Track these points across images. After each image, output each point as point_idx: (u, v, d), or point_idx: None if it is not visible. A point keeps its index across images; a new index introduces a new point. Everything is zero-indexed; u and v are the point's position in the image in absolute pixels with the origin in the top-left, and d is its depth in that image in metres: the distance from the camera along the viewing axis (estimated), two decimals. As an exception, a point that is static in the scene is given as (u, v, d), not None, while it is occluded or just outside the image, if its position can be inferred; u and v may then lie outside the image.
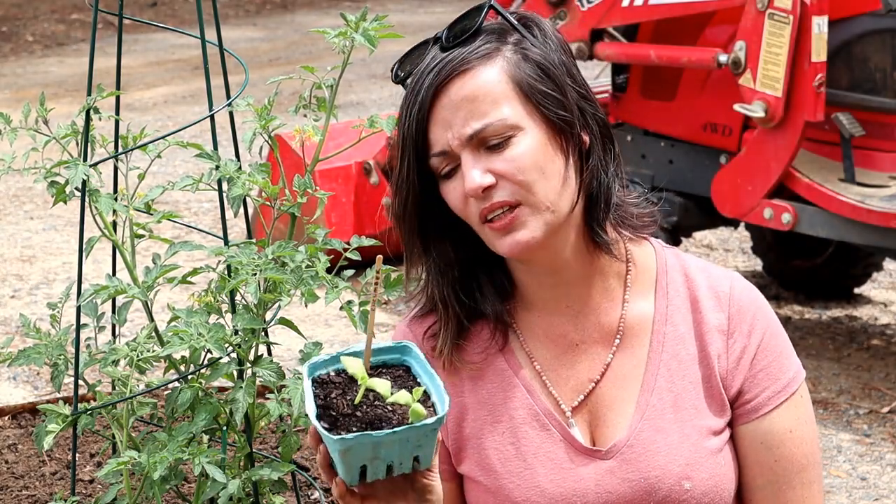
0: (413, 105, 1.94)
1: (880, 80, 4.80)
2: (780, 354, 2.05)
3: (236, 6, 13.25)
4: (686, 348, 2.04)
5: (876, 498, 4.19)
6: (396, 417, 1.76)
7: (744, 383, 2.03)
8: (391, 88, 9.78)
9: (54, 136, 2.57)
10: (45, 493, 3.04)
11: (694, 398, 2.03)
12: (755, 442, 2.04)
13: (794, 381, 2.05)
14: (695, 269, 2.08)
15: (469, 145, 1.91)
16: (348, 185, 5.91)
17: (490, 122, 1.91)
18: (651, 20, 5.16)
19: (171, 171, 7.43)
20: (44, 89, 3.01)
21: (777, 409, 2.03)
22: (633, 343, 2.05)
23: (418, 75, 1.95)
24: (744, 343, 2.04)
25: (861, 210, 4.63)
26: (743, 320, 2.04)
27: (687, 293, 2.06)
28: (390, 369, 1.85)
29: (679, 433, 2.01)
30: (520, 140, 1.92)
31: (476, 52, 1.93)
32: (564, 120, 1.95)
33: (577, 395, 2.04)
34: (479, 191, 1.91)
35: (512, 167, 1.91)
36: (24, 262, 6.31)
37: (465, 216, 1.95)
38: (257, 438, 3.05)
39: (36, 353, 2.61)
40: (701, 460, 2.01)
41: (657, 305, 2.05)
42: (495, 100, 1.92)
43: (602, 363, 2.04)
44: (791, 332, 5.41)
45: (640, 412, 2.02)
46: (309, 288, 2.47)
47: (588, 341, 2.05)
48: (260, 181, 2.51)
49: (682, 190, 5.18)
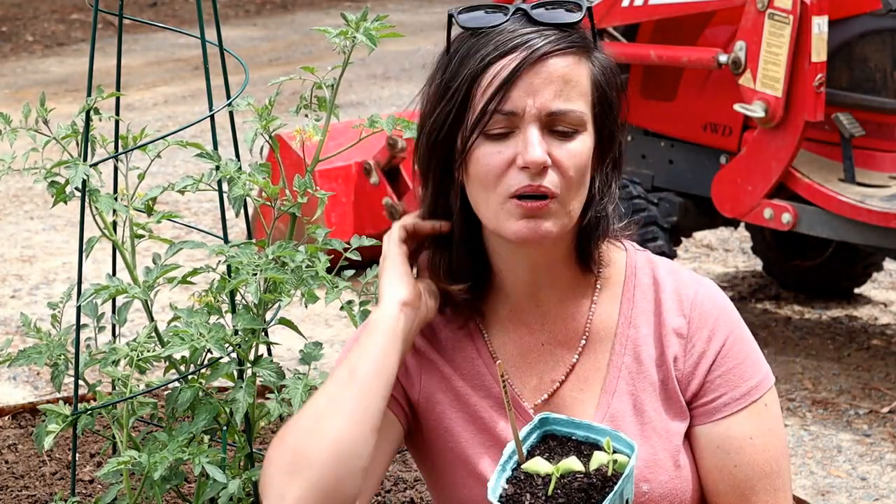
0: (491, 55, 1.92)
1: (880, 80, 4.80)
2: (743, 361, 2.03)
3: (236, 6, 13.24)
4: (646, 351, 2.03)
5: (876, 498, 4.19)
6: (593, 480, 1.81)
7: (701, 387, 2.02)
8: (391, 88, 9.78)
9: (54, 136, 2.57)
10: (45, 493, 3.04)
11: (653, 401, 2.02)
12: (711, 445, 2.03)
13: (757, 388, 2.03)
14: (664, 273, 2.07)
15: (541, 121, 1.92)
16: (348, 185, 5.91)
17: (574, 109, 1.93)
18: (651, 20, 5.16)
19: (172, 171, 7.43)
20: (44, 89, 3.01)
21: (735, 415, 2.02)
22: (597, 346, 2.05)
23: (507, 31, 1.94)
24: (702, 348, 2.02)
25: (861, 210, 4.62)
26: (703, 325, 2.03)
27: (653, 296, 2.05)
28: (539, 447, 1.90)
29: (639, 436, 2.00)
30: (582, 139, 1.94)
31: (573, 42, 1.95)
32: (612, 134, 1.98)
33: (540, 394, 2.05)
34: (541, 165, 1.90)
35: (569, 160, 1.92)
36: (24, 262, 6.31)
37: (493, 183, 1.93)
38: (257, 438, 3.05)
39: (36, 353, 2.61)
40: (660, 463, 2.00)
41: (622, 308, 2.05)
42: (582, 93, 1.94)
43: (567, 364, 2.05)
44: (791, 332, 5.40)
45: (601, 414, 2.02)
46: (309, 288, 2.47)
47: (553, 342, 2.05)
48: (261, 181, 2.51)
49: (682, 190, 5.18)
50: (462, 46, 1.97)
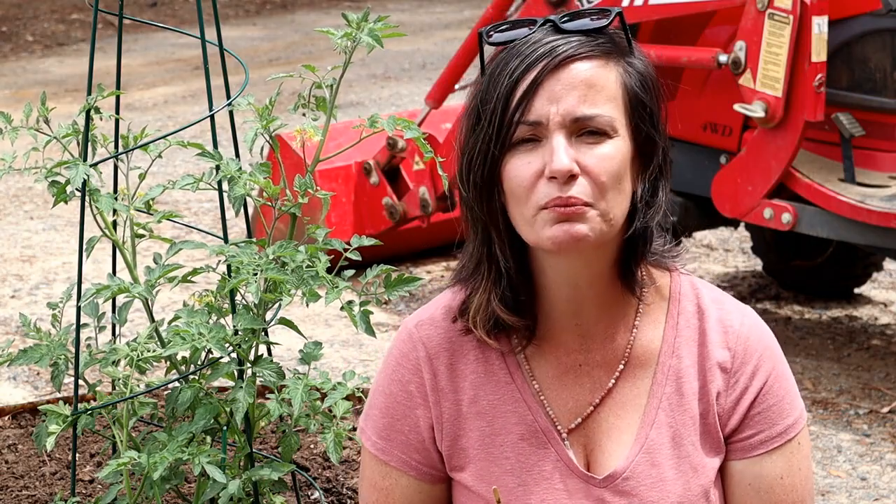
0: (519, 68, 1.89)
1: (880, 80, 4.80)
2: (783, 399, 2.01)
3: (236, 6, 13.24)
4: (689, 383, 2.00)
5: (876, 498, 4.18)
6: None
7: (740, 423, 2.00)
8: (391, 88, 9.78)
9: (55, 135, 2.56)
10: (45, 493, 3.03)
11: (692, 434, 1.99)
12: (743, 483, 2.01)
13: (792, 427, 2.01)
14: (708, 301, 2.03)
15: (567, 128, 1.88)
16: (348, 185, 5.91)
17: (601, 113, 1.88)
18: (651, 20, 5.16)
19: (172, 171, 7.43)
20: (44, 89, 3.00)
21: (770, 454, 2.00)
22: (637, 372, 2.01)
23: (532, 42, 1.91)
24: (745, 384, 2.00)
25: (861, 210, 4.62)
26: (748, 360, 2.00)
27: (697, 324, 2.01)
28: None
29: (675, 469, 1.98)
30: (613, 143, 1.89)
31: (600, 47, 1.91)
32: (651, 139, 1.93)
33: (575, 417, 2.01)
34: (567, 174, 1.86)
35: (599, 165, 1.87)
36: (24, 262, 6.31)
37: (525, 196, 1.89)
38: (257, 438, 3.05)
39: (36, 353, 2.61)
40: (692, 499, 1.98)
41: (665, 336, 2.01)
42: (609, 96, 1.90)
43: (603, 388, 2.01)
44: (791, 332, 5.40)
45: (639, 444, 1.99)
46: (310, 288, 2.47)
47: (591, 364, 2.01)
48: (261, 181, 2.51)
49: (682, 190, 5.18)
50: (492, 65, 1.94)
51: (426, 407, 2.05)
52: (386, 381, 2.08)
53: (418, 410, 2.05)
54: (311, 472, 3.09)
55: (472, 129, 1.93)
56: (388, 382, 2.07)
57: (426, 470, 2.05)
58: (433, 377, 2.03)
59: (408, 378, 2.06)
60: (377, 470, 2.08)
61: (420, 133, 2.56)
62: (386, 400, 2.07)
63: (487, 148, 1.91)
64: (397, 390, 2.06)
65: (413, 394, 2.05)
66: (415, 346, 2.06)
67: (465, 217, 2.00)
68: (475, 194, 1.94)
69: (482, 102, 1.92)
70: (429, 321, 2.06)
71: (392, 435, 2.06)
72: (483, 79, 1.94)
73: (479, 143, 1.91)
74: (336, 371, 4.85)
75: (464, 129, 1.96)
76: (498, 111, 1.89)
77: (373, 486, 2.08)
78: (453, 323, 2.03)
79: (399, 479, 2.06)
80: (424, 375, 2.04)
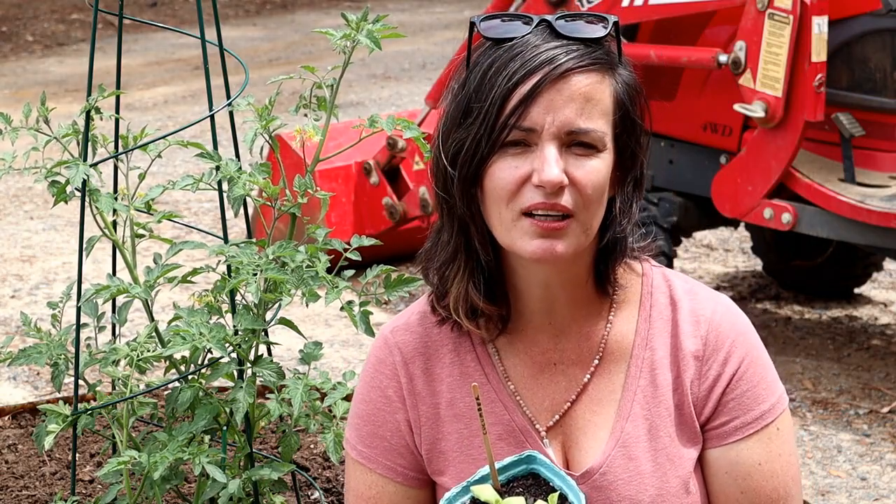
0: (519, 72, 1.88)
1: (880, 80, 4.80)
2: (757, 385, 2.01)
3: (236, 6, 13.24)
4: (663, 374, 2.00)
5: (876, 498, 4.19)
6: None
7: (714, 411, 2.00)
8: (391, 88, 9.78)
9: (55, 135, 2.56)
10: (45, 493, 3.03)
11: (668, 426, 1.99)
12: (720, 471, 2.00)
13: (769, 412, 2.01)
14: (681, 292, 2.03)
15: (560, 139, 1.88)
16: (348, 185, 5.91)
17: (595, 129, 1.89)
18: (651, 20, 5.16)
19: (172, 171, 7.43)
20: (44, 89, 3.00)
21: (746, 440, 2.00)
22: (612, 367, 2.02)
23: (532, 45, 1.90)
24: (718, 371, 1.99)
25: (861, 210, 4.63)
26: (720, 347, 2.00)
27: (669, 316, 2.02)
28: (520, 481, 1.88)
29: (652, 462, 1.98)
30: (602, 158, 1.90)
31: (598, 60, 1.92)
32: (633, 154, 1.94)
33: (552, 415, 2.02)
34: (557, 186, 1.86)
35: (586, 178, 1.88)
36: (24, 262, 6.31)
37: (507, 199, 1.89)
38: (257, 438, 3.05)
39: (36, 352, 2.61)
40: (671, 490, 1.98)
41: (638, 329, 2.02)
42: (603, 111, 1.91)
43: (578, 384, 2.01)
44: (791, 332, 5.40)
45: (615, 439, 1.99)
46: (310, 288, 2.47)
47: (566, 361, 2.02)
48: (261, 181, 2.51)
49: (682, 190, 5.18)
50: (485, 59, 1.92)
51: (405, 410, 2.06)
52: (365, 389, 2.08)
53: (398, 415, 2.05)
54: (311, 472, 3.09)
55: (459, 123, 1.92)
56: (368, 389, 2.08)
57: (412, 475, 2.06)
58: (409, 381, 2.04)
59: (385, 383, 2.06)
60: (363, 480, 2.08)
61: (420, 133, 2.56)
62: (367, 407, 2.08)
63: (476, 146, 1.90)
64: (377, 396, 2.07)
65: (392, 398, 2.05)
66: (391, 351, 2.06)
67: (440, 205, 1.99)
68: (458, 188, 1.94)
69: (474, 98, 1.91)
70: (404, 327, 2.07)
71: (375, 442, 2.07)
72: (474, 71, 1.92)
73: (469, 140, 1.91)
74: (336, 371, 4.86)
75: (449, 118, 1.94)
76: (493, 112, 1.88)
77: (358, 496, 2.08)
78: (432, 312, 2.04)
79: (385, 487, 2.06)
80: (401, 379, 2.05)
